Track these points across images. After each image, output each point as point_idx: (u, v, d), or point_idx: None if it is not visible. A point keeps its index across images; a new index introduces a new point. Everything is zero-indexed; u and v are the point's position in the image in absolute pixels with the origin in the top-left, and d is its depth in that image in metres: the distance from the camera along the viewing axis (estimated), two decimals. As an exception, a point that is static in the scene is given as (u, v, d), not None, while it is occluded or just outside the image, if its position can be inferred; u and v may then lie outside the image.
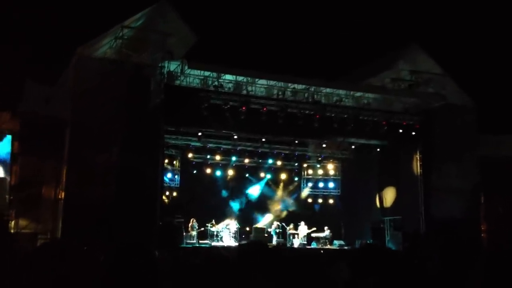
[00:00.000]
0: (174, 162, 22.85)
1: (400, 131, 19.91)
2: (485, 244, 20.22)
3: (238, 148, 22.94)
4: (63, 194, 16.24)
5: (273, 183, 25.19)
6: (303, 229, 22.12)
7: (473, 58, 25.19)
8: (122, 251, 3.28)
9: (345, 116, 19.25)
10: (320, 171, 25.78)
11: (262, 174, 24.72)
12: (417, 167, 20.63)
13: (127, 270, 3.07)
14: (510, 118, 24.06)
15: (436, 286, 4.44)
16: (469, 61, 24.62)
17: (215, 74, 18.19)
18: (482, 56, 25.60)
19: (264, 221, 23.56)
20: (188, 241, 20.01)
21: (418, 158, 20.55)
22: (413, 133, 20.05)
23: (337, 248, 21.23)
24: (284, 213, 24.33)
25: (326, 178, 25.90)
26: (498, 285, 4.50)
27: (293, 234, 22.11)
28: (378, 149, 22.00)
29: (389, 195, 22.31)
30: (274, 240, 21.67)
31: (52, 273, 4.07)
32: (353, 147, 23.15)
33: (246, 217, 23.34)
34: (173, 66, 17.38)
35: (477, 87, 21.88)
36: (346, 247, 21.07)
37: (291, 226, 22.30)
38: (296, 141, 22.94)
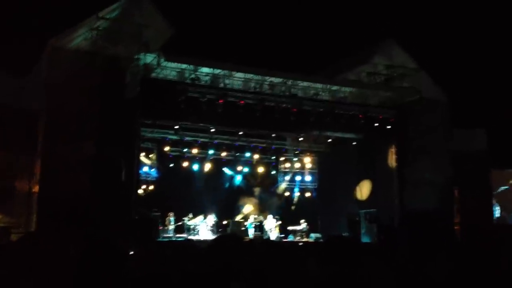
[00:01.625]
0: (151, 155, 22.67)
1: (376, 124, 20.12)
2: (458, 236, 20.63)
3: (215, 141, 22.89)
4: (37, 187, 16.02)
5: (250, 177, 25.22)
6: (270, 222, 22.22)
7: (447, 53, 25.55)
8: (92, 246, 3.26)
9: (322, 109, 19.37)
10: (297, 165, 25.90)
11: (239, 168, 24.73)
12: (392, 160, 20.89)
13: (96, 264, 3.06)
14: (482, 112, 24.53)
15: (405, 276, 4.51)
16: (443, 56, 24.97)
17: (192, 67, 18.06)
18: (455, 51, 25.98)
19: (241, 214, 23.60)
20: (165, 235, 19.95)
21: (393, 152, 20.81)
22: (389, 126, 20.29)
23: (314, 241, 21.42)
24: (261, 207, 24.39)
25: (303, 171, 26.04)
26: (469, 275, 4.60)
27: (271, 228, 22.21)
28: (355, 143, 22.21)
29: (365, 188, 22.57)
30: (251, 233, 21.74)
31: (25, 266, 4.04)
32: (329, 140, 23.32)
33: (223, 210, 23.32)
34: (149, 58, 17.20)
35: (450, 82, 22.21)
36: (322, 240, 21.27)
37: (274, 219, 22.40)
38: (273, 135, 23.01)
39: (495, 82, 26.00)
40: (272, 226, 22.07)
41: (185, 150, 23.04)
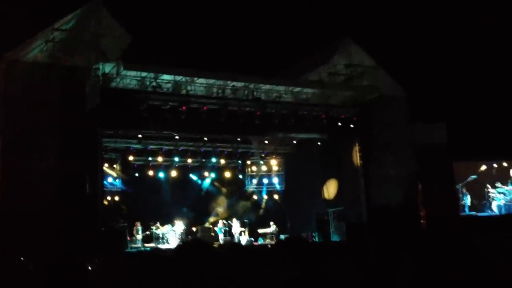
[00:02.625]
0: (115, 166, 22.37)
1: (339, 124, 20.34)
2: (423, 229, 21.01)
3: (180, 148, 22.79)
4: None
5: (218, 182, 25.16)
6: (235, 226, 22.21)
7: (404, 49, 26.03)
8: (51, 261, 3.19)
9: (285, 111, 19.48)
10: (264, 167, 25.98)
11: (206, 174, 24.63)
12: (356, 158, 21.15)
13: (55, 281, 2.99)
14: (440, 106, 25.09)
15: (374, 273, 4.56)
16: (400, 52, 25.43)
17: (152, 75, 17.90)
18: (412, 47, 26.50)
19: (211, 220, 23.51)
20: (133, 245, 19.69)
21: (357, 150, 21.07)
22: (351, 125, 20.54)
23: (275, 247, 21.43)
24: (230, 211, 24.35)
25: (270, 174, 26.15)
26: (435, 267, 4.67)
27: (240, 232, 22.20)
28: (319, 143, 22.43)
29: (332, 187, 22.80)
30: (221, 239, 21.67)
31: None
32: (294, 142, 23.51)
33: (192, 217, 23.18)
34: (108, 68, 16.99)
35: (408, 78, 22.63)
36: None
37: (239, 223, 22.38)
38: (238, 139, 23.04)
39: (454, 76, 26.64)
40: (237, 231, 22.04)
41: (150, 158, 22.87)
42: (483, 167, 24.74)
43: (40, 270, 3.18)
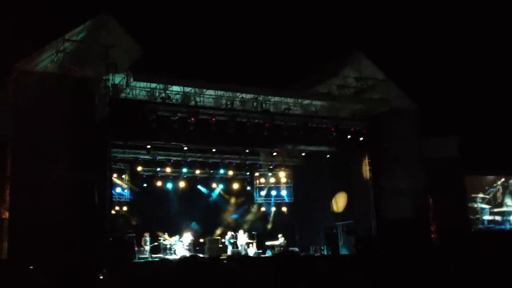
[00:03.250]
0: (123, 176, 22.38)
1: (349, 137, 20.24)
2: (435, 243, 20.77)
3: (189, 159, 22.77)
4: (7, 213, 15.59)
5: (226, 193, 25.09)
6: (241, 237, 22.08)
7: (414, 63, 25.97)
8: (62, 272, 3.15)
9: (294, 124, 19.41)
10: (272, 179, 25.88)
11: (214, 185, 24.57)
12: (366, 171, 20.99)
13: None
14: (453, 119, 24.94)
15: (388, 285, 4.47)
16: (411, 65, 25.37)
17: (162, 86, 17.94)
18: (422, 61, 26.44)
19: (218, 231, 23.41)
20: (141, 255, 19.64)
21: (367, 163, 20.92)
22: (361, 138, 20.41)
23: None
24: (238, 223, 24.24)
25: (278, 186, 26.03)
26: (448, 281, 4.58)
27: (248, 244, 22.06)
28: (328, 156, 22.32)
29: (341, 200, 22.63)
30: (229, 250, 21.54)
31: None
32: (303, 154, 23.41)
33: (200, 229, 23.13)
34: (118, 79, 17.05)
35: (420, 91, 22.55)
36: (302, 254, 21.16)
37: (246, 235, 22.25)
38: (247, 151, 22.97)
39: (466, 89, 26.51)
40: (243, 242, 21.89)
41: (158, 169, 22.88)
42: (502, 180, 24.46)
43: (51, 281, 3.14)
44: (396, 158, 19.92)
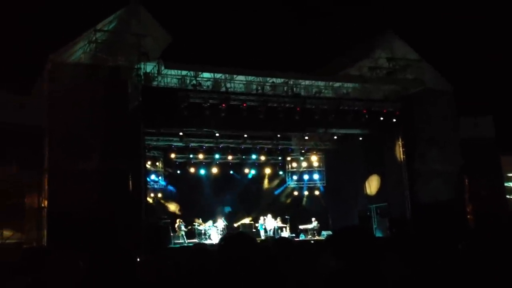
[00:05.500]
0: (157, 163, 22.72)
1: (381, 118, 19.98)
2: (470, 226, 20.46)
3: (221, 145, 22.91)
4: (46, 202, 16.03)
5: (258, 178, 25.18)
6: (270, 222, 22.13)
7: (448, 41, 25.38)
8: (100, 256, 3.23)
9: (326, 107, 19.26)
10: (304, 164, 25.84)
11: (246, 170, 24.68)
12: (400, 153, 20.74)
13: (105, 276, 3.02)
14: (486, 99, 24.33)
15: (424, 270, 4.43)
16: (445, 44, 24.81)
17: (192, 73, 18.05)
18: (456, 39, 25.80)
19: (251, 216, 23.56)
20: (176, 241, 19.95)
21: (401, 145, 20.65)
22: (394, 120, 20.14)
23: (325, 238, 21.33)
24: (271, 207, 24.32)
25: (310, 170, 25.98)
26: (483, 265, 4.51)
27: (281, 228, 22.16)
28: (361, 138, 22.12)
29: (374, 183, 22.45)
30: (262, 235, 21.68)
31: (36, 281, 4.00)
32: (335, 137, 23.27)
33: (233, 213, 23.33)
34: (149, 67, 17.23)
35: (453, 71, 22.04)
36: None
37: (278, 219, 22.34)
38: (278, 135, 22.98)
39: (500, 69, 25.79)
40: (272, 226, 21.95)
41: (191, 156, 23.08)
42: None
43: (90, 267, 3.22)
44: (431, 139, 19.59)
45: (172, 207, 22.51)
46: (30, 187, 17.17)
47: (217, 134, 21.37)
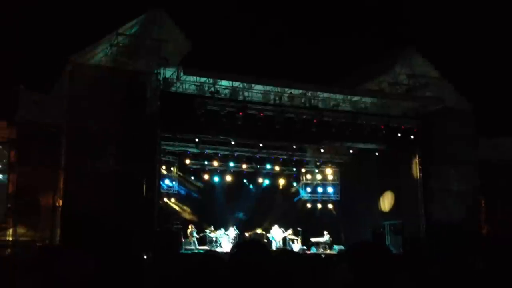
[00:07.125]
0: (172, 169, 22.76)
1: (399, 135, 19.84)
2: (485, 247, 20.13)
3: (236, 153, 22.87)
4: (60, 201, 16.15)
5: (272, 189, 25.08)
6: (277, 232, 21.95)
7: (469, 61, 25.15)
8: (110, 258, 3.22)
9: (343, 120, 19.18)
10: (319, 176, 25.69)
11: (260, 180, 24.61)
12: (416, 170, 20.55)
13: (114, 276, 3.01)
14: (507, 121, 24.01)
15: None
16: (466, 64, 24.58)
17: (211, 80, 18.09)
18: (478, 59, 25.57)
19: (263, 226, 23.44)
20: (187, 247, 19.92)
21: (417, 162, 20.46)
22: (412, 137, 19.98)
23: (337, 253, 21.11)
24: (283, 219, 24.18)
25: (324, 183, 25.82)
26: (499, 285, 4.42)
27: (292, 239, 22.01)
28: (377, 153, 21.93)
29: (388, 199, 22.24)
30: (274, 246, 21.55)
31: (48, 279, 4.00)
32: (351, 151, 23.08)
33: (245, 222, 23.23)
34: (168, 72, 17.34)
35: (474, 90, 21.82)
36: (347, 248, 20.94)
37: (290, 231, 22.20)
38: (294, 146, 22.91)
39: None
40: (279, 238, 21.76)
41: (205, 162, 23.08)
42: None
43: (101, 267, 3.21)
44: (448, 158, 19.39)
45: (185, 213, 22.53)
46: (46, 185, 17.31)
47: (232, 142, 21.36)
